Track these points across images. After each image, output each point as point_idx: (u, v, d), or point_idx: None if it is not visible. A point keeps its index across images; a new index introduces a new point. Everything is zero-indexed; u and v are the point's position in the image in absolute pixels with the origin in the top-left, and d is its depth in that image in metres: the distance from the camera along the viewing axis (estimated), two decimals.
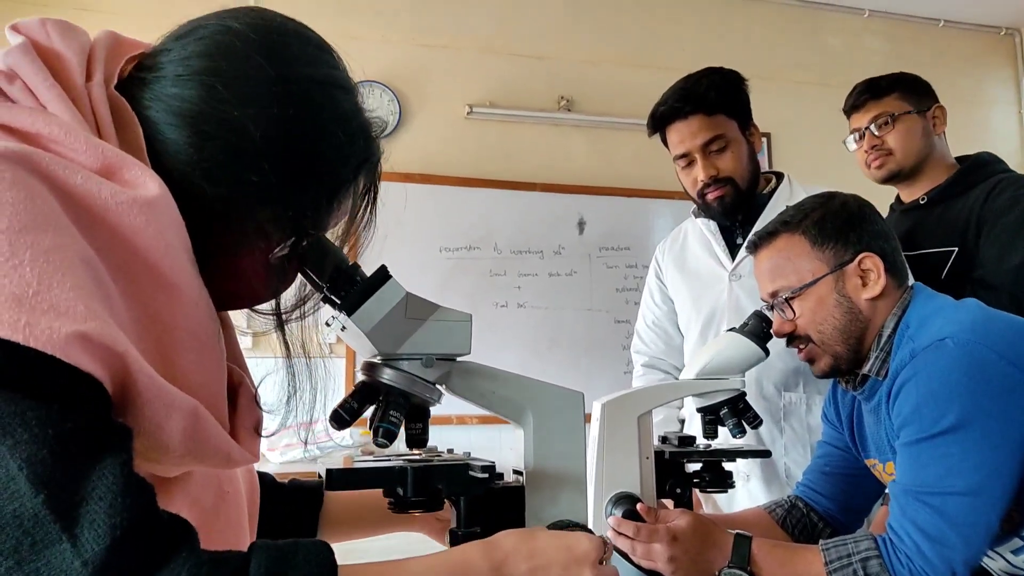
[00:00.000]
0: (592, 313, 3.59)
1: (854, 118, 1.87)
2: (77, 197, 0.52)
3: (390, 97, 3.46)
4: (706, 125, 1.58)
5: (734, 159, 1.60)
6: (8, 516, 0.44)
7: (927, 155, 1.81)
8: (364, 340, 0.76)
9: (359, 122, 0.70)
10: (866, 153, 1.83)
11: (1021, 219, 1.61)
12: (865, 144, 1.83)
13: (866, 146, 1.83)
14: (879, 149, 1.81)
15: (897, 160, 1.80)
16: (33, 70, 0.58)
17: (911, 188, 1.84)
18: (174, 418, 0.53)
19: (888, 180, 1.84)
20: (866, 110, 1.83)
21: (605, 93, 3.78)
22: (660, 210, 3.68)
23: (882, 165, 1.82)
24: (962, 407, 1.02)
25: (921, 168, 1.81)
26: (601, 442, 1.22)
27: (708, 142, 1.59)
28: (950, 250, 1.70)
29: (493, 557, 0.68)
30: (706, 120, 1.58)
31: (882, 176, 1.84)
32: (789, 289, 1.22)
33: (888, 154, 1.80)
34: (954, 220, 1.72)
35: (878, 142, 1.81)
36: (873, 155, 1.82)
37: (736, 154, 1.61)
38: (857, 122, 1.85)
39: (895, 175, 1.82)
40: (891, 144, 1.80)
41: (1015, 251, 1.59)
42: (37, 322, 0.46)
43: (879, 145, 1.81)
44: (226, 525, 0.69)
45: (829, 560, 1.05)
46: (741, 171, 1.62)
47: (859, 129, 1.84)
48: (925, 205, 1.80)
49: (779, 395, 1.60)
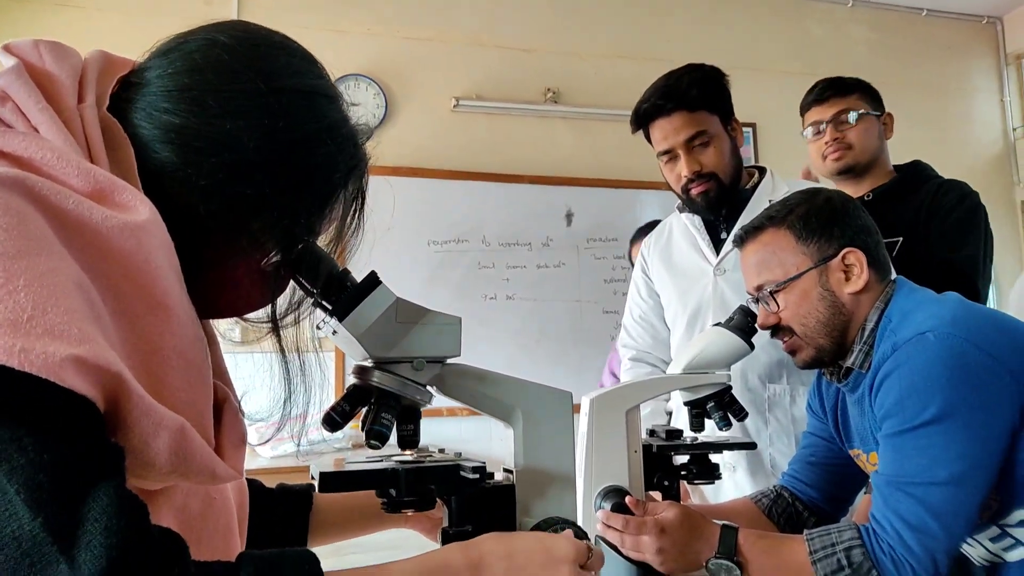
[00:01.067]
0: (581, 304, 3.62)
1: (816, 111, 1.95)
2: (69, 221, 0.52)
3: (376, 91, 3.45)
4: (688, 121, 1.60)
5: (717, 154, 1.62)
6: (7, 537, 0.45)
7: (878, 156, 1.92)
8: (355, 344, 0.77)
9: (347, 130, 0.71)
10: (826, 145, 1.92)
11: (968, 215, 1.77)
12: (827, 136, 1.91)
13: (827, 138, 1.91)
14: (840, 143, 1.90)
15: (854, 155, 1.90)
16: (26, 92, 0.59)
17: (857, 186, 1.94)
18: (161, 436, 0.53)
19: (841, 173, 1.94)
20: (831, 104, 1.92)
21: (592, 85, 3.78)
22: (648, 200, 3.69)
23: (840, 158, 1.91)
24: (944, 399, 1.04)
25: (871, 168, 1.92)
26: (590, 436, 1.24)
27: (691, 138, 1.60)
28: (895, 240, 1.80)
29: (471, 557, 0.69)
30: (688, 116, 1.60)
31: (838, 168, 1.92)
32: (774, 282, 1.24)
33: (847, 148, 1.90)
34: (899, 215, 1.83)
35: (839, 135, 1.90)
36: (833, 147, 1.90)
37: (719, 149, 1.62)
38: (819, 114, 1.94)
39: (850, 169, 1.92)
40: (851, 139, 1.89)
41: (965, 243, 1.74)
42: (32, 347, 0.46)
43: (840, 139, 1.90)
44: (214, 532, 0.69)
45: (813, 550, 1.08)
46: (724, 166, 1.63)
47: (820, 122, 1.93)
48: (870, 202, 1.89)
49: (764, 387, 1.62)
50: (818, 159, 1.97)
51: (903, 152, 2.04)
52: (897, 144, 2.00)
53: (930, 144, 3.48)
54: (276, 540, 0.92)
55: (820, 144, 1.94)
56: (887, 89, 2.01)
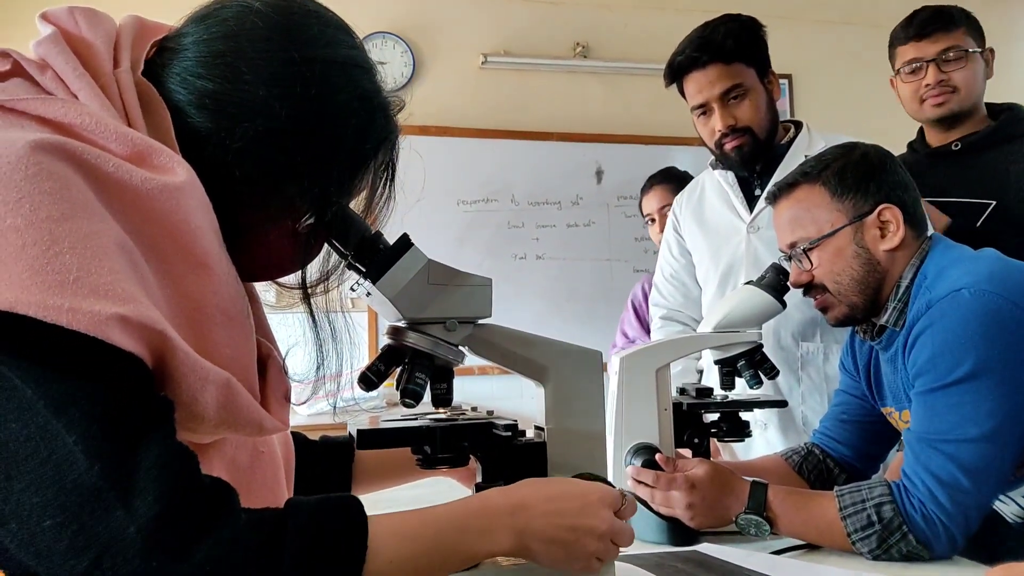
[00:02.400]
0: (611, 263, 3.60)
1: (915, 46, 1.70)
2: (110, 184, 0.54)
3: (403, 48, 3.43)
4: (724, 74, 1.57)
5: (752, 108, 1.59)
6: (70, 484, 0.48)
7: (978, 101, 1.71)
8: (388, 305, 0.79)
9: (379, 101, 0.72)
10: (927, 87, 1.69)
11: None
12: (929, 77, 1.67)
13: (929, 79, 1.68)
14: (945, 85, 1.67)
15: (960, 99, 1.67)
16: (63, 60, 0.60)
17: (947, 132, 1.74)
18: (208, 390, 0.56)
19: (943, 120, 1.72)
20: (934, 40, 1.67)
21: (622, 38, 3.70)
22: (679, 157, 3.63)
23: (944, 103, 1.68)
24: (977, 356, 1.03)
25: (970, 113, 1.71)
26: (620, 395, 1.25)
27: (726, 91, 1.58)
28: (986, 203, 1.64)
29: (511, 501, 0.71)
30: (724, 69, 1.57)
31: (941, 114, 1.70)
32: (807, 240, 1.22)
33: (953, 91, 1.67)
34: (989, 172, 1.65)
35: (945, 77, 1.66)
36: (936, 90, 1.68)
37: (754, 103, 1.59)
38: (919, 51, 1.69)
39: (954, 116, 1.70)
40: (958, 81, 1.66)
41: None
42: (79, 306, 0.49)
43: (946, 81, 1.67)
44: (262, 483, 0.73)
45: (843, 506, 1.08)
46: (759, 120, 1.61)
47: (919, 59, 1.68)
48: (957, 152, 1.71)
49: (797, 345, 1.61)
50: (913, 102, 1.73)
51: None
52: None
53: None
54: (321, 490, 0.96)
55: (918, 85, 1.69)
56: None
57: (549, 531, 0.71)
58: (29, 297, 0.48)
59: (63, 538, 0.48)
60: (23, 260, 0.49)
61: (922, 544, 1.04)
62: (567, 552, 0.72)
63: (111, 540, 0.48)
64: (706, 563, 1.08)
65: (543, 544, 0.71)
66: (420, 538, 0.64)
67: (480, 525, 0.68)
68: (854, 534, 1.06)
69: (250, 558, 0.53)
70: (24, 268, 0.48)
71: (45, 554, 0.49)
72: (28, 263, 0.49)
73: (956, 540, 1.04)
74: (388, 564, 0.60)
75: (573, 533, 0.72)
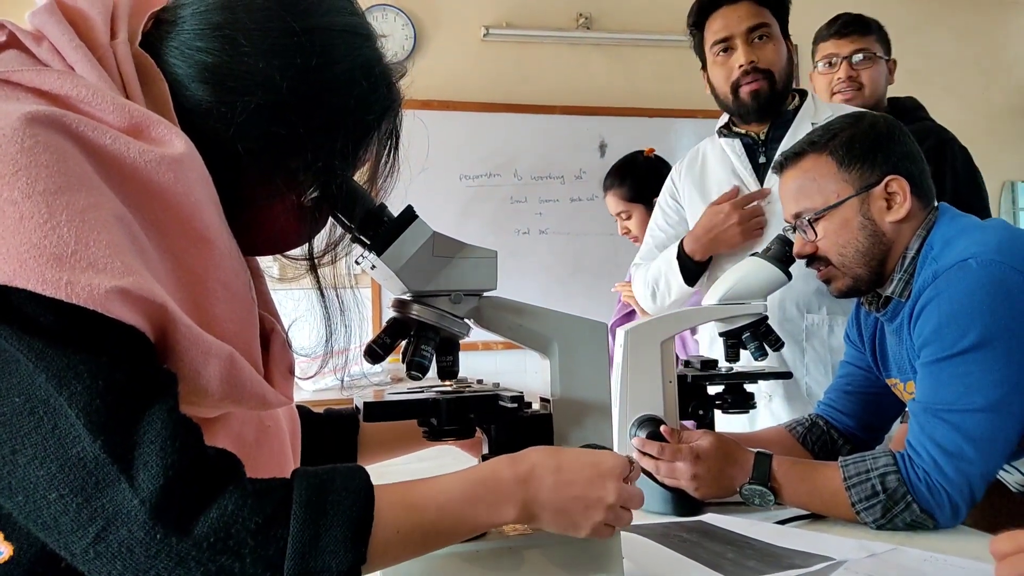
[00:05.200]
0: (615, 238, 3.56)
1: (833, 44, 1.94)
2: (107, 156, 0.54)
3: (404, 21, 3.38)
4: (753, 12, 1.60)
5: (775, 52, 1.62)
6: (73, 459, 0.49)
7: (881, 101, 1.92)
8: (394, 278, 0.79)
9: (381, 69, 0.71)
10: (838, 81, 1.91)
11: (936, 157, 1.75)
12: (841, 73, 1.91)
13: (841, 74, 1.91)
14: (853, 81, 1.90)
15: (864, 97, 1.90)
16: (60, 31, 0.59)
17: None
18: (211, 364, 0.56)
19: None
20: (850, 41, 1.93)
21: (624, 9, 3.65)
22: (684, 129, 3.60)
23: (850, 99, 1.89)
24: (983, 326, 1.02)
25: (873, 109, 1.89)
26: (625, 367, 1.26)
27: (753, 27, 1.60)
28: None
29: (520, 470, 0.71)
30: (754, 8, 1.60)
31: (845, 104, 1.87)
32: (813, 210, 1.21)
33: (859, 89, 1.91)
34: None
35: (855, 74, 1.90)
36: (845, 84, 1.91)
37: (777, 48, 1.62)
38: (836, 48, 1.93)
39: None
40: (864, 80, 1.90)
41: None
42: (77, 280, 0.48)
43: (855, 77, 1.90)
44: (269, 457, 0.73)
45: (848, 476, 1.09)
46: (780, 66, 1.62)
47: (835, 56, 1.92)
48: None
49: (802, 317, 1.61)
50: (824, 93, 1.94)
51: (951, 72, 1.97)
52: (944, 63, 1.94)
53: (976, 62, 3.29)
54: (326, 462, 0.96)
55: (831, 78, 1.92)
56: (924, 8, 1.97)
57: (558, 502, 0.71)
58: (27, 271, 0.48)
59: (68, 511, 0.49)
60: (21, 233, 0.48)
61: (926, 514, 1.04)
62: (575, 521, 0.73)
63: (115, 513, 0.49)
64: (711, 533, 1.09)
65: (551, 514, 0.71)
66: (427, 508, 0.64)
67: (488, 496, 0.68)
68: (858, 504, 1.07)
69: (256, 528, 0.53)
70: (22, 242, 0.48)
71: (52, 526, 0.49)
72: (26, 236, 0.48)
73: (960, 510, 1.04)
74: (395, 534, 0.60)
75: (582, 503, 0.72)
